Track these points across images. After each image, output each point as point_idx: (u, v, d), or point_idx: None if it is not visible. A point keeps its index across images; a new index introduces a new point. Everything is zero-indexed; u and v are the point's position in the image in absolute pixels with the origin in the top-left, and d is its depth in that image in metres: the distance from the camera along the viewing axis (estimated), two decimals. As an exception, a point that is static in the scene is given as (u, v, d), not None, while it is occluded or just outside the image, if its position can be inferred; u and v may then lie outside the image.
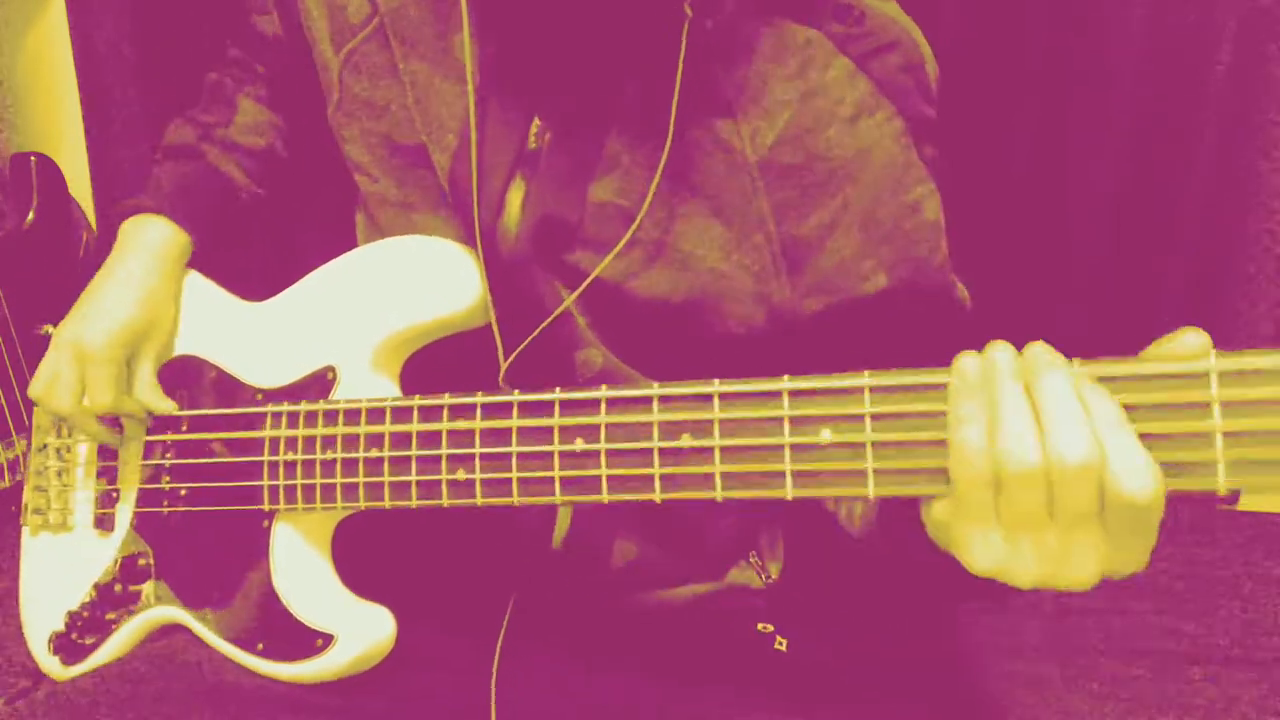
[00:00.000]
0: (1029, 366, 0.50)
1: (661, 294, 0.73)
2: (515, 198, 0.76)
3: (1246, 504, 1.39)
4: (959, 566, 0.54)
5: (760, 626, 0.79)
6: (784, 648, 0.78)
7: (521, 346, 0.74)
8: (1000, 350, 0.51)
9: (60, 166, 1.17)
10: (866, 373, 0.55)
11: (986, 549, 0.51)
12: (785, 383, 0.58)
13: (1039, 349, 0.51)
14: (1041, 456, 0.48)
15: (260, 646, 0.78)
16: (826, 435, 0.56)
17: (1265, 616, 1.13)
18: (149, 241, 0.86)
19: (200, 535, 0.83)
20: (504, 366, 0.75)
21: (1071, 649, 1.09)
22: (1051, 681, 1.04)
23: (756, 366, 0.60)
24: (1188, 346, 0.48)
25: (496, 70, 0.76)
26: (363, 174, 0.83)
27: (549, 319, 0.74)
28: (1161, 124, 1.22)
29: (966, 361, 0.52)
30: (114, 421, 0.87)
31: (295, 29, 0.87)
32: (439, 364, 0.72)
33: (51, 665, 0.89)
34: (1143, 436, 0.48)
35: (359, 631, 0.76)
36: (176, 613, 0.84)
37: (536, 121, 0.75)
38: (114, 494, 0.89)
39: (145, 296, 0.84)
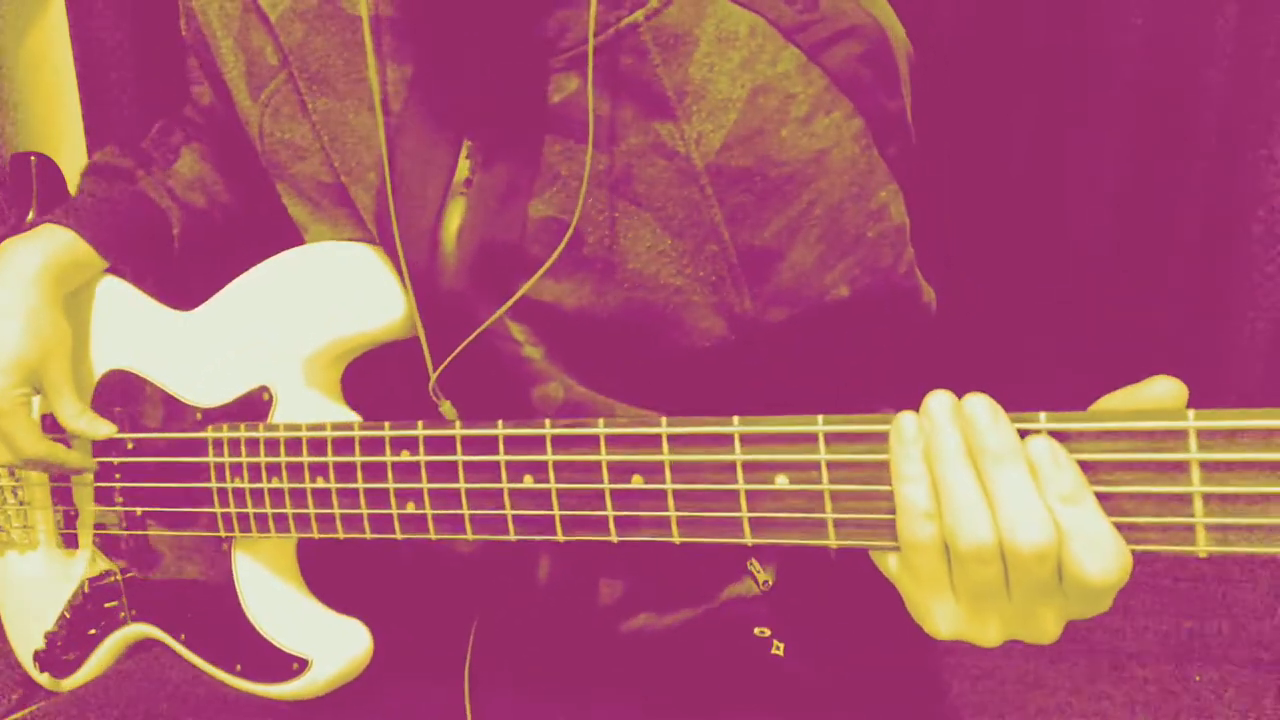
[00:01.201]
0: (969, 426, 0.46)
1: (615, 315, 0.67)
2: (450, 228, 0.69)
3: None
4: None
5: (757, 631, 0.77)
6: (781, 652, 0.77)
7: (439, 370, 0.69)
8: (938, 407, 0.47)
9: (60, 166, 1.11)
10: (820, 417, 0.51)
11: (946, 617, 0.49)
12: (735, 425, 0.54)
13: (980, 410, 0.46)
14: (993, 532, 0.46)
15: (238, 667, 0.78)
16: (783, 481, 0.52)
17: (1264, 616, 1.12)
18: (20, 259, 0.78)
19: (163, 554, 0.82)
20: (432, 380, 0.70)
21: (1067, 649, 1.09)
22: (1048, 681, 1.04)
23: (725, 377, 0.56)
24: (1161, 394, 0.44)
25: (417, 92, 0.68)
26: (300, 226, 0.77)
27: (469, 338, 0.68)
28: (1161, 124, 1.13)
29: (905, 421, 0.48)
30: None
31: (226, 97, 0.78)
32: (395, 393, 0.67)
33: (44, 680, 0.90)
34: (1115, 496, 0.45)
35: (334, 651, 0.75)
36: (151, 630, 0.83)
37: (467, 143, 0.68)
38: (71, 512, 0.87)
39: (28, 323, 0.77)
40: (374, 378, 0.76)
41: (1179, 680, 1.05)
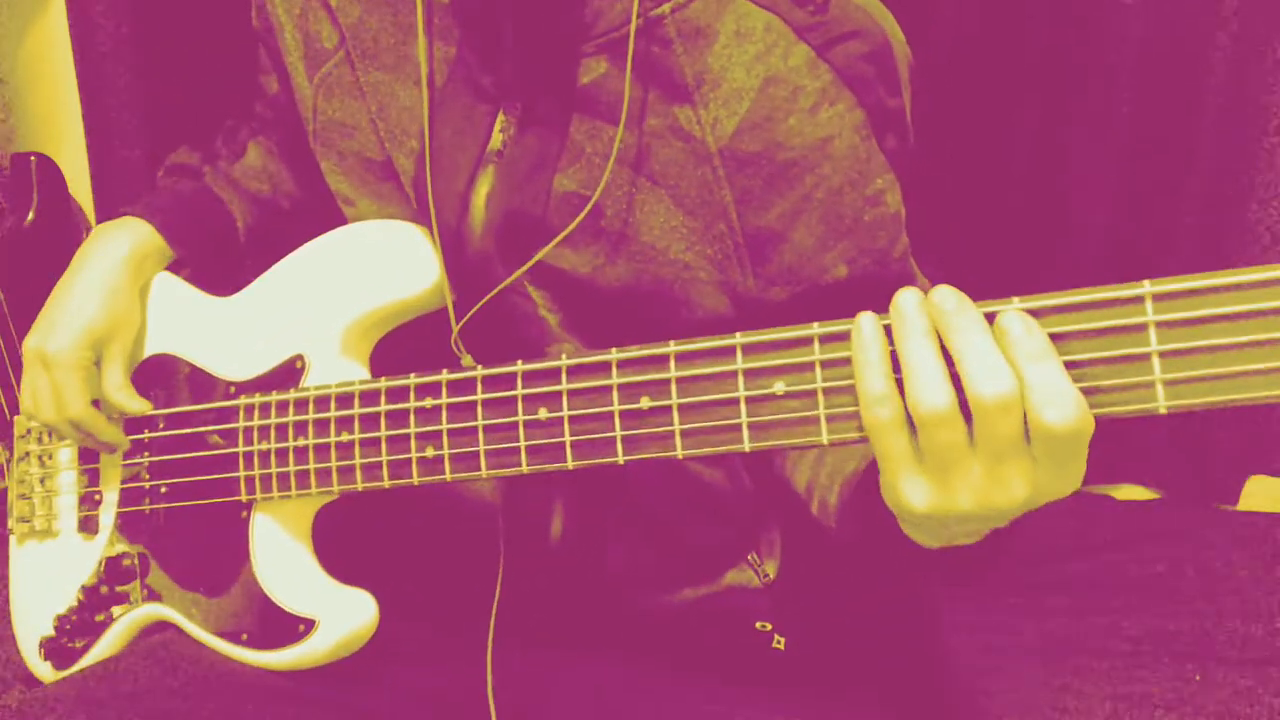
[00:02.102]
0: (936, 310, 0.51)
1: (627, 286, 0.73)
2: (480, 195, 0.76)
3: (1246, 504, 1.39)
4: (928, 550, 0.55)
5: (759, 625, 0.79)
6: (782, 646, 0.79)
7: (469, 315, 0.74)
8: (906, 297, 0.52)
9: (60, 166, 1.17)
10: (816, 324, 0.56)
11: (916, 491, 0.52)
12: (738, 338, 0.58)
13: (944, 292, 0.51)
14: (950, 395, 0.49)
15: (244, 637, 0.79)
16: (780, 387, 0.57)
17: (1263, 616, 1.13)
18: (113, 243, 0.86)
19: (182, 531, 0.84)
20: (455, 332, 0.75)
21: (1067, 649, 1.09)
22: (1046, 681, 1.04)
23: None
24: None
25: (460, 68, 0.76)
26: (343, 200, 0.84)
27: (487, 296, 0.73)
28: (1161, 122, 1.21)
29: (863, 319, 0.53)
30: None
31: (287, 81, 0.87)
32: (420, 364, 0.72)
33: (43, 671, 0.90)
34: (1080, 363, 0.49)
35: (340, 616, 0.76)
36: (163, 610, 0.84)
37: (502, 116, 0.75)
38: (96, 496, 0.90)
39: (108, 298, 0.84)
40: (401, 355, 0.81)
41: (1178, 680, 1.04)
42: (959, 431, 0.50)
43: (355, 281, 0.78)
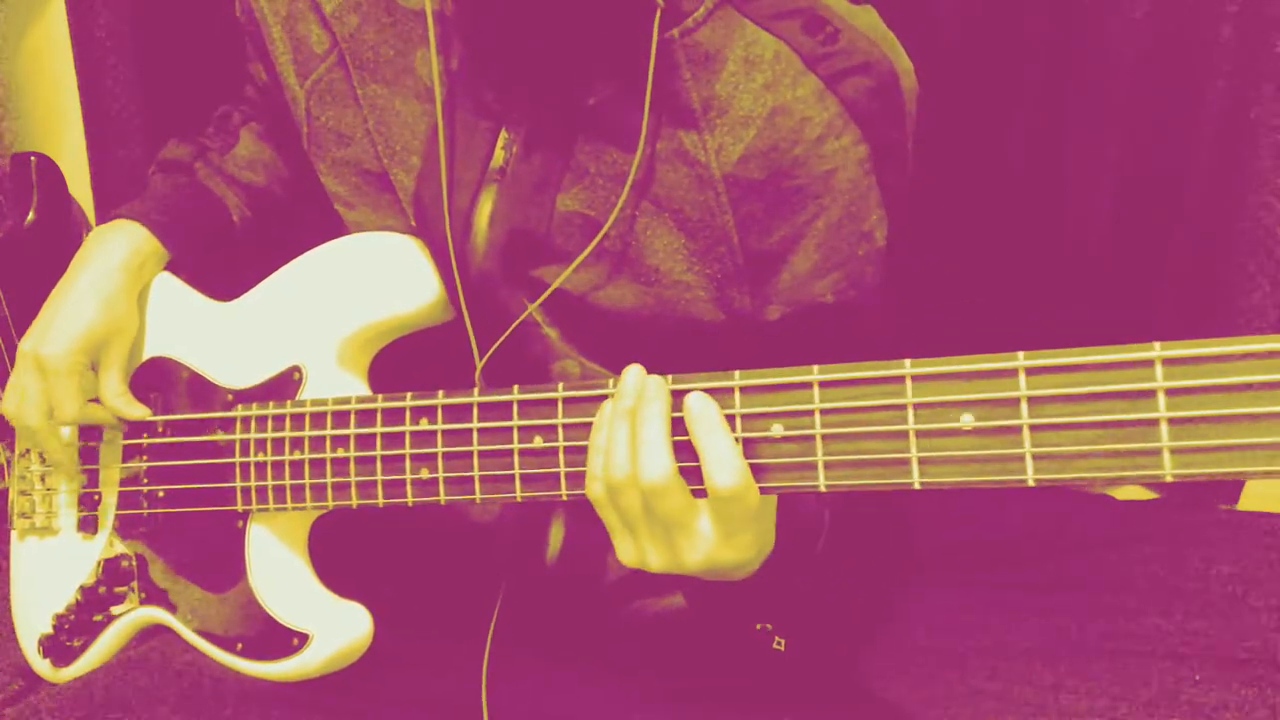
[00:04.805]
0: (639, 393, 0.58)
1: (627, 307, 0.73)
2: (483, 213, 0.75)
3: (1246, 504, 1.38)
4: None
5: (758, 625, 0.79)
6: (782, 647, 0.79)
7: (485, 359, 0.74)
8: (627, 376, 0.59)
9: (60, 166, 1.16)
10: (815, 367, 0.55)
11: (624, 548, 0.61)
12: (736, 379, 0.57)
13: (652, 379, 0.59)
14: (627, 472, 0.58)
15: (240, 646, 0.79)
16: (778, 430, 0.56)
17: (1264, 616, 1.12)
18: (110, 247, 0.85)
19: (180, 536, 0.84)
20: (477, 376, 0.75)
21: (1066, 649, 1.08)
22: (1046, 681, 1.03)
23: (727, 358, 0.60)
24: None
25: (462, 83, 0.74)
26: (341, 203, 0.82)
27: (509, 330, 0.73)
28: (1161, 123, 1.19)
29: (605, 405, 0.60)
30: (93, 433, 0.87)
31: (276, 77, 0.85)
32: (420, 376, 0.72)
33: (43, 668, 0.91)
34: (1088, 425, 0.48)
35: (335, 630, 0.76)
36: (159, 614, 0.84)
37: (504, 134, 0.74)
38: (96, 496, 0.90)
39: (104, 304, 0.83)
40: (401, 367, 0.80)
41: (1178, 680, 1.03)
42: (637, 500, 0.58)
43: (354, 294, 0.77)
